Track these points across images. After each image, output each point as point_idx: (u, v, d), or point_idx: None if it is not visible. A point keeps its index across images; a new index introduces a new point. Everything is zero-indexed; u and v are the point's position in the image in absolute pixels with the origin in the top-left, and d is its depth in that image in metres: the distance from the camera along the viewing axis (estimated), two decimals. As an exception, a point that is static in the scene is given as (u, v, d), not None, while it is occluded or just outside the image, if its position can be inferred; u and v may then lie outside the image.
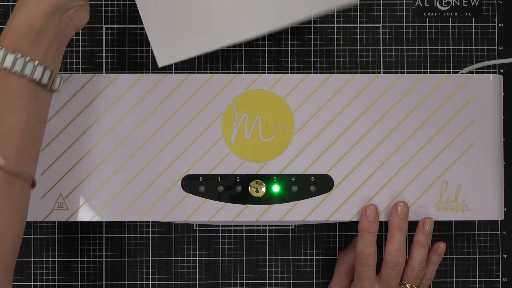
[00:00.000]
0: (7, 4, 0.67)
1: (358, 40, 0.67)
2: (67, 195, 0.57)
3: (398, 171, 0.58)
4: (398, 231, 0.57)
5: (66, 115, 0.58)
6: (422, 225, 0.57)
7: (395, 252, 0.57)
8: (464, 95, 0.58)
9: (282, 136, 0.58)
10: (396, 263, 0.57)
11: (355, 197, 0.58)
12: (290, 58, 0.67)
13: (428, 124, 0.58)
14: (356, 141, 0.58)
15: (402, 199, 0.57)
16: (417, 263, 0.58)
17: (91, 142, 0.58)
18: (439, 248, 0.59)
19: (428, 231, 0.57)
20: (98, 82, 0.58)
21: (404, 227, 0.57)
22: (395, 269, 0.57)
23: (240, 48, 0.67)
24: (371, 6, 0.68)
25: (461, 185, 0.58)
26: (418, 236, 0.58)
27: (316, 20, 0.67)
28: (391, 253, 0.57)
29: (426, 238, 0.57)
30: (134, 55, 0.67)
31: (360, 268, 0.58)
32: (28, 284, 0.66)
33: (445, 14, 0.68)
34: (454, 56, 0.67)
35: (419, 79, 0.58)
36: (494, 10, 0.68)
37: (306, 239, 0.67)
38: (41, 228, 0.66)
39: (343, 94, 0.58)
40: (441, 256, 0.60)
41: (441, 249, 0.59)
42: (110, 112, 0.58)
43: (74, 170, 0.57)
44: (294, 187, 0.58)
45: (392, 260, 0.57)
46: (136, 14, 0.67)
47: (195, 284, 0.67)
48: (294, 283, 0.67)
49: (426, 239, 0.58)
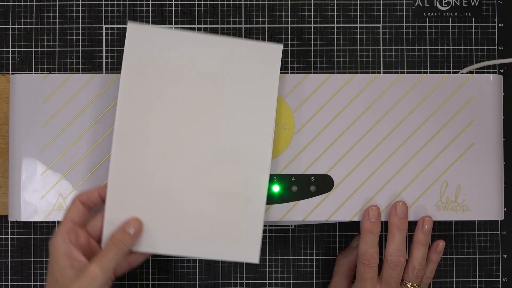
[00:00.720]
0: (7, 4, 0.67)
1: (358, 40, 0.67)
2: (67, 195, 0.57)
3: (398, 171, 0.58)
4: (398, 231, 0.57)
5: (66, 115, 0.58)
6: (421, 224, 0.57)
7: (396, 252, 0.57)
8: (464, 95, 0.58)
9: (282, 136, 0.58)
10: (397, 263, 0.57)
11: (355, 197, 0.58)
12: (290, 58, 0.67)
13: (428, 124, 0.58)
14: (356, 141, 0.58)
15: (402, 199, 0.57)
16: (418, 262, 0.58)
17: (91, 142, 0.58)
18: (438, 246, 0.59)
19: (427, 230, 0.57)
20: (98, 82, 0.58)
21: (404, 227, 0.57)
22: (396, 269, 0.57)
23: (240, 48, 0.67)
24: (371, 6, 0.68)
25: (461, 185, 0.58)
26: (418, 235, 0.58)
27: (316, 20, 0.67)
28: (392, 253, 0.57)
29: (425, 236, 0.57)
30: (134, 55, 0.67)
31: (362, 269, 0.57)
32: (28, 284, 0.66)
33: (445, 14, 0.68)
34: (454, 56, 0.67)
35: (419, 79, 0.58)
36: (494, 10, 0.68)
37: (306, 239, 0.67)
38: (41, 228, 0.66)
39: (343, 94, 0.58)
40: (441, 254, 0.60)
41: (441, 247, 0.59)
42: (110, 112, 0.58)
43: (74, 170, 0.57)
44: (294, 187, 0.58)
45: (393, 260, 0.57)
46: (136, 14, 0.67)
47: (195, 284, 0.67)
48: (294, 283, 0.67)
49: (426, 238, 0.58)
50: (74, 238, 0.53)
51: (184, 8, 0.67)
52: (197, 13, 0.67)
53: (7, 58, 0.67)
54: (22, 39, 0.67)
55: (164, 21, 0.67)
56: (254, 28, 0.67)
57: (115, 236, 0.53)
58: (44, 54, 0.66)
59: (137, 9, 0.67)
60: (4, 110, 0.64)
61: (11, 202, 0.58)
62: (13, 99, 0.58)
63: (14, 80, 0.58)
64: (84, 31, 0.67)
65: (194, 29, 0.67)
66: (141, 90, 0.55)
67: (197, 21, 0.67)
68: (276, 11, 0.67)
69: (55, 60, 0.67)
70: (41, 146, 0.57)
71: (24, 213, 0.57)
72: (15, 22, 0.67)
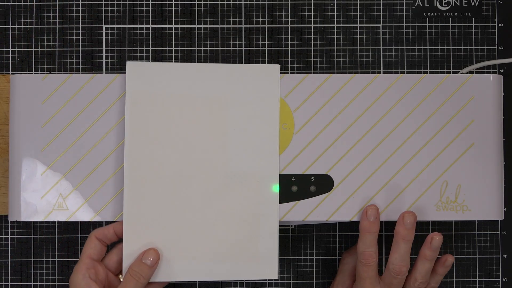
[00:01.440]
0: (7, 4, 0.67)
1: (358, 40, 0.67)
2: (67, 195, 0.57)
3: (398, 171, 0.58)
4: (403, 241, 0.56)
5: (66, 115, 0.58)
6: (429, 240, 0.57)
7: (399, 262, 0.56)
8: (464, 95, 0.58)
9: (282, 136, 0.58)
10: (399, 272, 0.56)
11: (355, 197, 0.58)
12: (290, 58, 0.67)
13: (428, 124, 0.58)
14: (356, 141, 0.58)
15: (402, 199, 0.57)
16: (421, 276, 0.58)
17: (91, 142, 0.58)
18: (447, 260, 0.59)
19: (435, 247, 0.57)
20: (98, 82, 0.58)
21: (409, 238, 0.56)
22: (397, 277, 0.57)
23: (240, 48, 0.67)
24: (371, 6, 0.68)
25: (461, 185, 0.58)
26: (425, 250, 0.57)
27: (316, 20, 0.67)
28: (395, 262, 0.57)
29: (432, 253, 0.57)
30: (134, 55, 0.67)
31: (361, 268, 0.57)
32: (28, 284, 0.66)
33: (445, 14, 0.68)
34: (454, 56, 0.67)
35: (419, 79, 0.58)
36: (494, 10, 0.68)
37: (306, 239, 0.67)
38: (41, 228, 0.66)
39: (343, 94, 0.58)
40: (448, 268, 0.59)
41: (449, 262, 0.59)
42: (110, 112, 0.58)
43: (74, 170, 0.57)
44: (294, 187, 0.58)
45: (395, 269, 0.57)
46: (136, 14, 0.67)
47: (195, 283, 0.67)
48: (294, 283, 0.67)
49: (432, 254, 0.57)
50: (93, 274, 0.54)
51: (184, 8, 0.67)
52: (197, 13, 0.67)
53: (7, 58, 0.67)
54: (22, 39, 0.67)
55: (164, 21, 0.67)
56: (254, 28, 0.67)
57: (133, 269, 0.54)
58: (44, 54, 0.66)
59: (137, 9, 0.67)
60: (4, 110, 0.64)
61: (11, 202, 0.58)
62: (13, 99, 0.58)
63: (14, 80, 0.58)
64: (84, 31, 0.67)
65: (194, 29, 0.67)
66: (146, 124, 0.56)
67: (197, 21, 0.67)
68: (276, 11, 0.67)
69: (55, 60, 0.67)
70: (41, 146, 0.57)
71: (24, 213, 0.57)
72: (15, 22, 0.67)
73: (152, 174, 0.56)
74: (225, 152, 0.57)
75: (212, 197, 0.56)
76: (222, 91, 0.57)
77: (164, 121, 0.57)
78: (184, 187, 0.56)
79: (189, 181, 0.56)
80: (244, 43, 0.67)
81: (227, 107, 0.57)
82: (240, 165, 0.57)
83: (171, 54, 0.67)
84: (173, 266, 0.56)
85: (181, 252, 0.56)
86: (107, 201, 0.57)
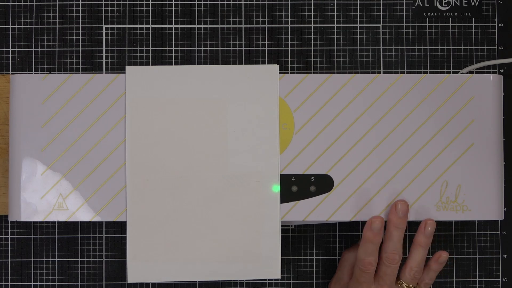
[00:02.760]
0: (7, 4, 0.67)
1: (358, 40, 0.67)
2: (67, 195, 0.57)
3: (398, 171, 0.58)
4: (396, 229, 0.57)
5: (66, 115, 0.58)
6: (423, 226, 0.57)
7: (392, 250, 0.57)
8: (464, 95, 0.58)
9: (282, 136, 0.58)
10: (392, 260, 0.57)
11: (355, 197, 0.58)
12: (290, 58, 0.67)
13: (428, 124, 0.58)
14: (356, 141, 0.58)
15: (402, 199, 0.57)
16: (416, 264, 0.58)
17: (91, 142, 0.58)
18: (440, 257, 0.59)
19: (429, 233, 0.57)
20: (98, 82, 0.58)
21: (402, 226, 0.57)
22: (390, 266, 0.57)
23: (240, 48, 0.67)
24: (371, 6, 0.68)
25: (461, 185, 0.58)
26: (419, 237, 0.58)
27: (316, 20, 0.67)
28: (387, 251, 0.57)
29: (426, 239, 0.57)
30: (134, 55, 0.67)
31: (359, 273, 0.58)
32: (28, 284, 0.66)
33: (445, 14, 0.68)
34: (454, 56, 0.67)
35: (419, 79, 0.58)
36: (494, 10, 0.68)
37: (306, 239, 0.67)
38: (41, 228, 0.66)
39: (343, 94, 0.58)
40: (442, 265, 0.59)
41: (443, 259, 0.59)
42: (110, 112, 0.58)
43: (74, 170, 0.57)
44: (294, 187, 0.58)
45: (388, 257, 0.57)
46: (136, 14, 0.67)
47: (195, 283, 0.67)
48: (294, 283, 0.67)
49: (427, 241, 0.57)
50: None
51: (184, 8, 0.67)
52: (197, 13, 0.67)
53: (7, 58, 0.67)
54: (22, 39, 0.67)
55: (164, 21, 0.67)
56: (254, 28, 0.67)
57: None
58: (44, 54, 0.66)
59: (137, 9, 0.67)
60: (4, 110, 0.64)
61: (11, 202, 0.58)
62: (13, 99, 0.58)
63: (14, 80, 0.58)
64: (84, 31, 0.67)
65: (194, 29, 0.67)
66: (147, 127, 0.57)
67: (197, 21, 0.67)
68: (276, 11, 0.67)
69: (55, 60, 0.67)
70: (41, 146, 0.57)
71: (24, 213, 0.57)
72: (15, 22, 0.67)
73: (154, 177, 0.57)
74: (225, 153, 0.57)
75: (214, 198, 0.57)
76: (221, 92, 0.57)
77: (164, 124, 0.57)
78: (185, 189, 0.57)
79: (191, 183, 0.57)
80: (244, 43, 0.67)
81: (226, 108, 0.57)
82: (240, 166, 0.57)
83: (171, 54, 0.67)
84: (176, 266, 0.57)
85: (184, 252, 0.56)
86: (107, 201, 0.57)
